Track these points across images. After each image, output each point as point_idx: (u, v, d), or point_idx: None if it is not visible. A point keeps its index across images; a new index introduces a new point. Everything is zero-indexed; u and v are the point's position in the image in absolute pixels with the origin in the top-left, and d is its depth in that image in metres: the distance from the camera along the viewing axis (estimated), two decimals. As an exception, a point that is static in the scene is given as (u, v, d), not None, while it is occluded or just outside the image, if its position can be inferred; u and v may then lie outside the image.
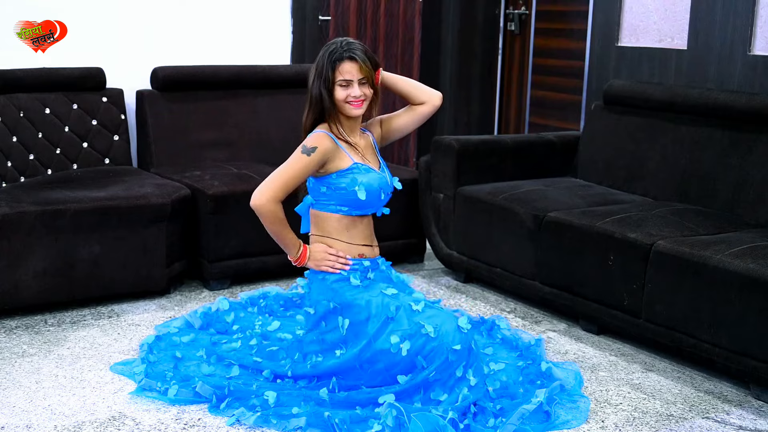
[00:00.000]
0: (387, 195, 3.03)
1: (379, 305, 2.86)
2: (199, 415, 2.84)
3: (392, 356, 2.81)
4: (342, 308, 2.91)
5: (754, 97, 3.86)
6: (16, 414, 2.82)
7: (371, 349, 2.83)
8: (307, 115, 2.97)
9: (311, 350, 2.97)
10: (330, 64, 2.90)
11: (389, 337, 2.81)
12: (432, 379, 2.78)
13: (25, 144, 4.17)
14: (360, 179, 2.93)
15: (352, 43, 2.92)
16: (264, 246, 4.10)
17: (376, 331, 2.83)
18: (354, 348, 2.86)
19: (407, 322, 2.82)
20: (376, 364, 2.83)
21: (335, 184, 2.93)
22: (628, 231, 3.47)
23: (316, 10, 5.40)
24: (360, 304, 2.88)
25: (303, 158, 2.88)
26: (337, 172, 2.93)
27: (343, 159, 2.93)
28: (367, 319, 2.86)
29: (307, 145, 2.89)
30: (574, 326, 3.77)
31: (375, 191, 2.95)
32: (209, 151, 4.64)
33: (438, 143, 4.37)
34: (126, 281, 3.85)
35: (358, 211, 2.98)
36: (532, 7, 5.81)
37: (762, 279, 2.98)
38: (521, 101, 6.05)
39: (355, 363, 2.86)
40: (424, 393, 2.79)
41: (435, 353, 2.77)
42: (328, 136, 2.91)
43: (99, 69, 4.45)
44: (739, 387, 3.19)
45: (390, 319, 2.83)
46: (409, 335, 2.80)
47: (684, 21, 4.57)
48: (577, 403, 2.94)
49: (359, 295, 2.90)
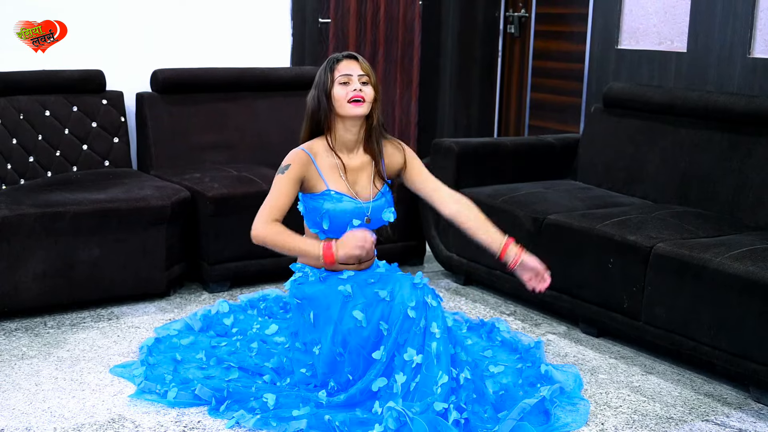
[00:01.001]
0: (362, 224, 2.91)
1: (335, 292, 2.85)
2: (198, 417, 2.84)
3: (360, 331, 2.80)
4: (306, 303, 2.91)
5: (753, 99, 3.86)
6: (16, 416, 2.82)
7: (339, 331, 2.83)
8: (304, 129, 2.98)
9: (301, 360, 2.96)
10: (328, 67, 2.91)
11: (351, 313, 2.81)
12: (402, 342, 2.76)
13: (25, 146, 4.17)
14: (327, 207, 2.89)
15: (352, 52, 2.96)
16: (264, 248, 4.10)
17: (338, 313, 2.83)
18: (326, 338, 2.86)
19: (362, 294, 2.82)
20: (349, 344, 2.82)
21: (308, 205, 2.95)
22: (628, 233, 3.47)
23: (316, 12, 5.40)
24: (319, 296, 2.88)
25: (279, 178, 2.89)
26: (312, 194, 2.93)
27: (318, 182, 2.92)
28: (327, 307, 2.86)
29: (282, 165, 2.91)
30: (573, 329, 3.77)
31: (341, 222, 2.89)
32: (209, 153, 4.64)
33: (438, 146, 4.37)
34: (126, 283, 3.85)
35: (329, 236, 2.93)
36: (532, 9, 5.82)
37: (762, 282, 2.98)
38: (521, 104, 6.05)
39: (333, 351, 2.85)
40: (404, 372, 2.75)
41: (394, 314, 2.77)
42: (305, 154, 2.90)
43: (99, 71, 4.45)
44: (739, 390, 3.19)
45: (346, 297, 2.83)
46: (367, 305, 2.80)
47: (684, 24, 4.57)
48: (577, 406, 2.94)
49: (317, 287, 2.90)
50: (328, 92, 2.90)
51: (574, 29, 5.48)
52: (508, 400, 2.89)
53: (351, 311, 2.82)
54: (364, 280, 2.87)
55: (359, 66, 2.91)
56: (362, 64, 2.91)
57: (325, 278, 2.92)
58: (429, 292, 2.83)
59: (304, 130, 2.98)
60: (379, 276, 2.90)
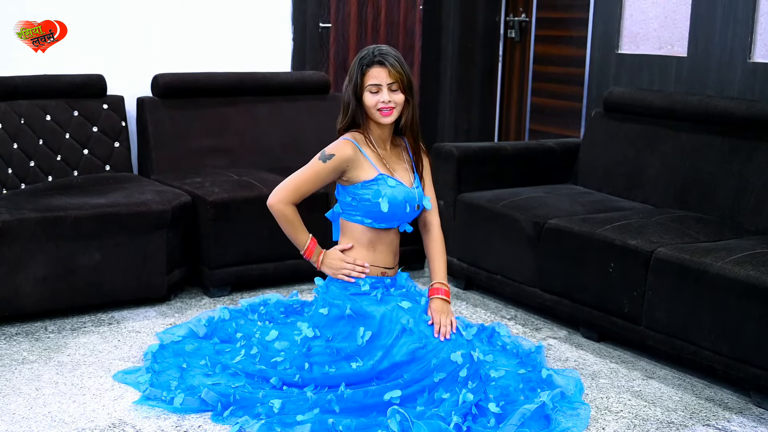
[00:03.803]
0: (413, 210, 2.99)
1: (393, 318, 2.87)
2: (199, 422, 2.84)
3: (410, 365, 2.83)
4: (358, 317, 2.91)
5: (754, 104, 3.86)
6: (16, 421, 2.81)
7: (387, 360, 2.84)
8: (341, 120, 2.98)
9: (321, 361, 2.95)
10: (359, 69, 2.89)
11: (403, 348, 2.82)
12: (437, 381, 2.79)
13: (26, 151, 4.17)
14: (384, 191, 2.91)
15: (383, 49, 2.92)
16: (264, 253, 4.12)
17: (391, 343, 2.84)
18: (370, 360, 2.86)
19: (418, 332, 2.84)
20: (390, 375, 2.84)
21: (360, 195, 2.93)
22: (629, 238, 3.47)
23: (317, 17, 5.41)
24: (375, 315, 2.89)
25: (318, 164, 2.89)
26: (362, 183, 2.93)
27: (368, 169, 2.93)
28: (380, 332, 2.87)
29: (326, 152, 2.90)
30: (574, 333, 3.77)
31: (399, 204, 2.93)
32: (210, 157, 4.64)
33: (438, 150, 4.37)
34: (126, 288, 3.85)
35: (383, 224, 2.96)
36: (533, 14, 5.82)
37: (762, 286, 2.98)
38: (521, 108, 6.05)
39: (371, 375, 2.86)
40: (428, 394, 2.78)
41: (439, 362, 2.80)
42: (352, 145, 2.91)
43: (100, 76, 4.46)
44: (740, 394, 3.19)
45: (404, 330, 2.84)
46: (420, 338, 2.83)
47: (684, 28, 4.57)
48: (578, 411, 2.94)
49: (376, 307, 2.91)
50: (359, 95, 2.90)
51: (574, 34, 5.48)
52: (509, 406, 2.88)
53: (404, 345, 2.83)
54: (421, 315, 2.89)
55: (388, 74, 2.88)
56: (391, 71, 2.88)
57: (382, 296, 2.94)
58: (477, 343, 2.93)
59: (343, 121, 2.98)
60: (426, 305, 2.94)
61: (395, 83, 2.88)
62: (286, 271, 4.19)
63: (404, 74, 2.90)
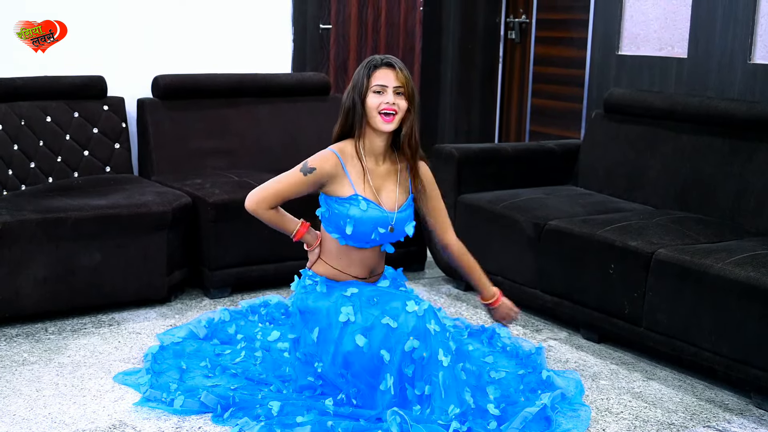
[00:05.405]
0: (387, 234, 2.90)
1: (337, 311, 2.82)
2: (199, 423, 2.84)
3: (361, 355, 2.77)
4: (304, 314, 2.88)
5: (754, 105, 3.86)
6: (17, 422, 2.81)
7: (340, 353, 2.80)
8: (337, 126, 2.94)
9: (304, 369, 2.94)
10: (366, 71, 2.86)
11: (353, 337, 2.77)
12: (410, 374, 2.73)
13: (26, 152, 4.17)
14: (352, 212, 2.84)
15: (391, 56, 2.90)
16: (265, 254, 4.12)
17: (339, 334, 2.80)
18: (327, 357, 2.84)
19: (363, 317, 2.78)
20: (352, 366, 2.79)
21: (333, 209, 2.88)
22: (629, 239, 3.47)
23: (317, 18, 5.41)
24: (321, 311, 2.85)
25: (299, 175, 2.86)
26: (337, 198, 2.87)
27: (345, 186, 2.87)
28: (329, 325, 2.83)
29: (308, 164, 2.86)
30: (574, 335, 3.76)
31: (365, 229, 2.85)
32: (210, 159, 4.64)
33: (438, 151, 4.37)
34: (127, 289, 3.85)
35: (349, 242, 2.90)
36: (533, 15, 5.83)
37: (763, 287, 2.98)
38: (522, 109, 6.06)
39: (335, 372, 2.83)
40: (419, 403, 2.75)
41: (396, 343, 2.73)
42: (335, 159, 2.86)
43: (100, 77, 4.46)
44: (741, 396, 3.19)
45: (348, 322, 2.80)
46: (368, 329, 2.76)
47: (684, 29, 4.58)
48: (578, 412, 2.94)
49: (321, 302, 2.87)
50: (362, 97, 2.85)
51: (574, 35, 5.49)
52: (510, 408, 2.88)
53: (352, 335, 2.78)
54: (369, 299, 2.83)
55: (395, 77, 2.84)
56: (399, 74, 2.84)
57: (329, 290, 2.89)
58: (431, 317, 2.77)
59: (338, 127, 2.93)
60: (382, 294, 2.86)
61: (401, 88, 2.84)
62: (287, 272, 4.16)
63: (410, 83, 2.87)
